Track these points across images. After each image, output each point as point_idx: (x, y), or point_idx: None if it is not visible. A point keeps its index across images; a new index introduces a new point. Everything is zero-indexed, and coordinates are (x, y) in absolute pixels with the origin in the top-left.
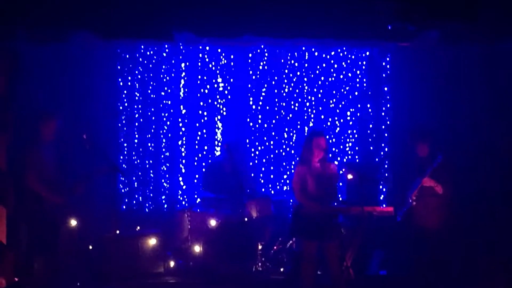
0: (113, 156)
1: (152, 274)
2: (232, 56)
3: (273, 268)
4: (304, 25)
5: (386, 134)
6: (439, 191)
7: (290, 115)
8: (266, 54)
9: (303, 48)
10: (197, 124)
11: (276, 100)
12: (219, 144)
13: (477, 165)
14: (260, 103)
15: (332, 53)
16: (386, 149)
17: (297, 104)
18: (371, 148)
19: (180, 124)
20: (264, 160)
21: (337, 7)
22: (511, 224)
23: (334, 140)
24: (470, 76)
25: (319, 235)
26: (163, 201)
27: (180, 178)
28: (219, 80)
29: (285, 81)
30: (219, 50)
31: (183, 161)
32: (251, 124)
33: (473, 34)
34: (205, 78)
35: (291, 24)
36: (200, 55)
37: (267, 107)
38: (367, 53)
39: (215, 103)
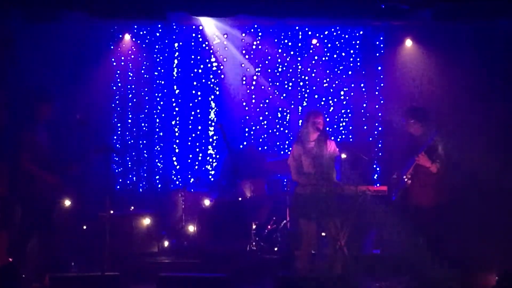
0: (107, 136)
1: (146, 253)
2: (225, 36)
3: (267, 248)
4: (297, 4)
5: (379, 113)
6: (433, 171)
7: (284, 95)
8: (260, 34)
9: (297, 27)
10: (191, 104)
11: (270, 79)
12: (213, 124)
13: (473, 143)
14: (254, 82)
15: (326, 32)
16: (380, 128)
17: (290, 84)
18: (365, 127)
19: (174, 104)
20: (260, 140)
21: None
22: (506, 203)
23: (328, 119)
24: (464, 53)
25: (317, 215)
26: (157, 181)
27: (174, 158)
28: (213, 59)
29: (279, 60)
30: (212, 30)
31: (177, 141)
32: (244, 103)
33: (465, 12)
34: (198, 57)
35: (284, 4)
36: (194, 34)
37: (261, 87)
38: (361, 32)
39: (209, 82)
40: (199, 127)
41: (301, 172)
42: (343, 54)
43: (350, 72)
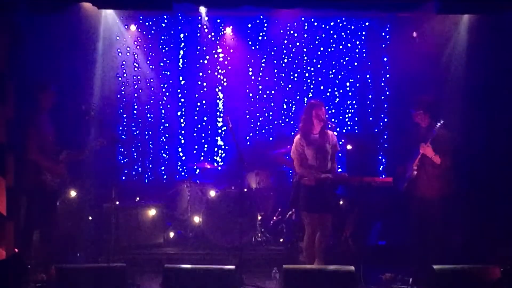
0: (112, 127)
1: (152, 244)
2: (231, 27)
3: (273, 239)
4: None
5: (385, 105)
6: (437, 162)
7: (290, 86)
8: (266, 25)
9: (302, 18)
10: (196, 95)
11: (276, 70)
12: (221, 115)
13: (478, 136)
14: (260, 73)
15: (332, 23)
16: (385, 120)
17: (296, 75)
18: (371, 118)
19: (179, 95)
20: (263, 131)
21: None
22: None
23: (333, 110)
24: (471, 46)
25: (321, 207)
26: (163, 172)
27: (180, 149)
28: (219, 50)
29: (285, 51)
30: (218, 21)
31: (182, 132)
32: (250, 94)
33: (473, 4)
34: (204, 48)
35: None
36: (199, 25)
37: (267, 78)
38: (367, 24)
39: (215, 73)
40: (205, 118)
41: (305, 165)
42: (349, 45)
43: (356, 63)
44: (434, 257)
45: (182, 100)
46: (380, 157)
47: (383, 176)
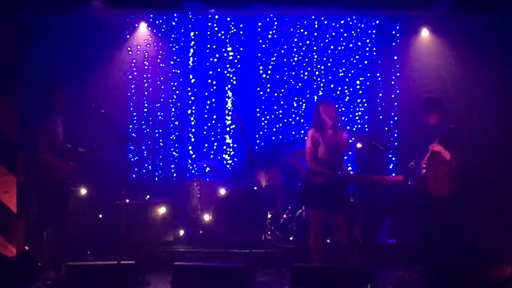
0: (123, 125)
1: (162, 242)
2: (241, 25)
3: (283, 237)
4: None
5: (395, 103)
6: (446, 157)
7: (300, 84)
8: (276, 23)
9: (313, 16)
10: (206, 93)
11: (286, 69)
12: (230, 113)
13: (488, 135)
14: (270, 72)
15: (342, 21)
16: (395, 118)
17: (306, 73)
18: (381, 117)
19: (190, 93)
20: (274, 129)
21: None
22: None
23: (343, 109)
24: (482, 44)
25: (328, 204)
26: (173, 170)
27: (190, 147)
28: (229, 49)
29: (295, 50)
30: (228, 19)
31: (192, 130)
32: (260, 93)
33: (484, 2)
34: (214, 47)
35: None
36: (209, 24)
37: (277, 76)
38: (377, 22)
39: (225, 72)
40: (215, 116)
41: (317, 159)
42: (359, 43)
43: (366, 62)
44: (444, 255)
45: (192, 98)
46: (390, 156)
47: (393, 174)
